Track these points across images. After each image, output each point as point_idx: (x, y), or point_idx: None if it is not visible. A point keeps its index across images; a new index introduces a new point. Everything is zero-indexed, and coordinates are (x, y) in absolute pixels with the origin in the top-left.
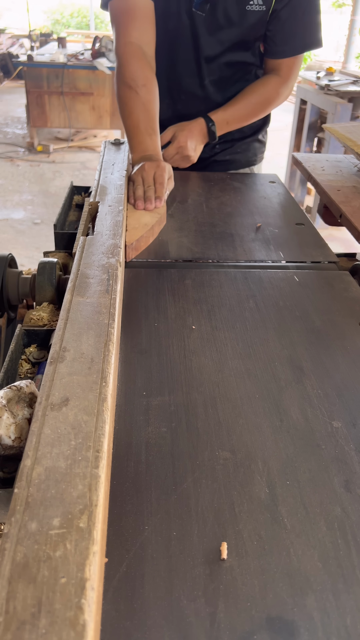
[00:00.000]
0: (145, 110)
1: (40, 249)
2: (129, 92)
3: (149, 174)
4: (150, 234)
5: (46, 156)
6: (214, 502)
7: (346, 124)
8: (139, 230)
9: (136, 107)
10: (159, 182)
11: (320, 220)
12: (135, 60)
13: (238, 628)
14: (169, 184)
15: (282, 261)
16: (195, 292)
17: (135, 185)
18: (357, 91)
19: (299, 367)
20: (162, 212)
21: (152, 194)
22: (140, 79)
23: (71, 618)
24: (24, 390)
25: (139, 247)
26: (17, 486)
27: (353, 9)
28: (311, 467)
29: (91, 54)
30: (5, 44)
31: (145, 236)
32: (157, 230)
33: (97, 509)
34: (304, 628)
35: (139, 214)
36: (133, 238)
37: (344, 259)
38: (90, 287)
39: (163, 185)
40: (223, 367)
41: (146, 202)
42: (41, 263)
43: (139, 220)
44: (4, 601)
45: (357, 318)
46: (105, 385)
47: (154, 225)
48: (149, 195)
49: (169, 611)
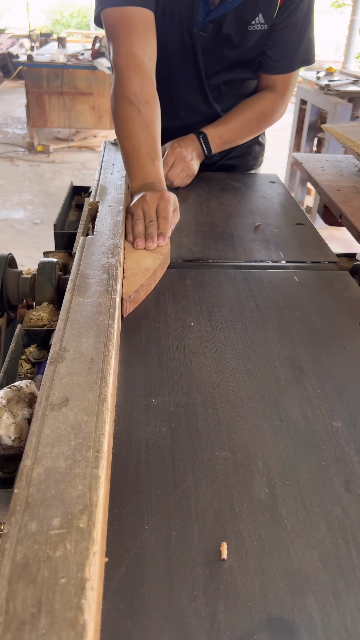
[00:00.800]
0: (147, 132)
1: (40, 249)
2: (129, 109)
3: (151, 207)
4: (151, 280)
5: (46, 156)
6: (214, 502)
7: (345, 124)
8: (138, 278)
9: (138, 128)
10: (162, 216)
11: (320, 220)
12: (137, 74)
13: (238, 628)
14: (174, 218)
15: (282, 261)
16: (195, 292)
17: (134, 219)
18: (357, 91)
19: (299, 367)
20: (166, 251)
21: (155, 230)
22: (143, 95)
23: (71, 618)
24: (24, 390)
25: (139, 298)
26: (17, 486)
27: (353, 9)
28: (311, 467)
29: (91, 54)
30: (5, 44)
31: (146, 284)
32: (159, 274)
33: (97, 509)
34: (304, 628)
35: (139, 255)
36: (132, 288)
37: (344, 259)
38: (90, 287)
39: (167, 219)
40: (223, 367)
41: (147, 240)
42: (41, 263)
43: (139, 264)
44: (4, 601)
45: (357, 318)
46: (105, 385)
47: (157, 269)
48: (150, 232)
49: (169, 611)
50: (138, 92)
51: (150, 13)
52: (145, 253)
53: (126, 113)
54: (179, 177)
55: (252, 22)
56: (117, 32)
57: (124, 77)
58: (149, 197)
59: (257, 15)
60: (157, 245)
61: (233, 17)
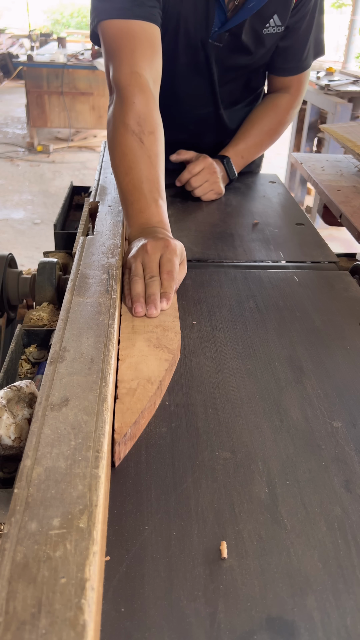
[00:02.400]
0: (150, 167)
1: (40, 249)
2: (131, 139)
3: (152, 258)
4: (156, 396)
5: (46, 156)
6: (214, 502)
7: (344, 124)
8: (138, 398)
9: (139, 162)
10: (166, 271)
11: (320, 220)
12: (142, 97)
13: (238, 628)
14: (181, 272)
15: (282, 261)
16: (195, 292)
17: (132, 275)
18: (357, 91)
19: (299, 367)
20: (175, 346)
21: (157, 289)
22: (148, 123)
23: (71, 618)
24: (24, 390)
25: (138, 430)
26: (17, 486)
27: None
28: (311, 467)
29: (91, 54)
30: (5, 44)
31: (149, 407)
32: (167, 382)
33: (97, 509)
34: (304, 628)
35: (138, 353)
36: (128, 419)
37: (344, 259)
38: (90, 287)
39: (172, 274)
40: (223, 367)
41: (148, 304)
42: (41, 263)
43: (138, 371)
44: (4, 601)
45: (357, 318)
46: (105, 385)
47: (164, 377)
48: (151, 293)
49: (169, 611)
50: (142, 119)
51: (157, 29)
52: (147, 350)
53: (126, 143)
54: (203, 188)
55: (266, 25)
56: (120, 48)
57: (127, 100)
58: (150, 246)
59: (272, 16)
60: (160, 310)
61: (248, 22)
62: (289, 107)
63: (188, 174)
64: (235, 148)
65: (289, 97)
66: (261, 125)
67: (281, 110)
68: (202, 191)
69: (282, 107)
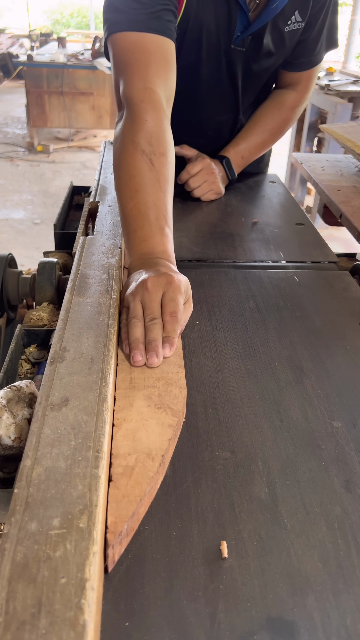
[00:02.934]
0: (159, 191)
1: (40, 249)
2: (140, 159)
3: (154, 297)
4: (159, 474)
5: (46, 156)
6: (214, 502)
7: (344, 124)
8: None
9: (147, 185)
10: (169, 312)
11: (320, 220)
12: (155, 116)
13: (238, 628)
14: (186, 312)
15: (282, 261)
16: (195, 292)
17: (130, 317)
18: (357, 91)
19: (299, 367)
20: (180, 406)
21: (159, 334)
22: (160, 144)
23: (71, 618)
24: (24, 390)
25: (135, 523)
26: (17, 486)
27: (353, 9)
28: (311, 467)
29: (91, 53)
30: (5, 44)
31: (149, 491)
32: (170, 454)
33: (97, 509)
34: (304, 628)
35: (136, 416)
36: (124, 510)
37: (344, 259)
38: (90, 287)
39: (176, 316)
40: (223, 367)
41: (149, 351)
42: (41, 263)
43: (136, 441)
44: (4, 601)
45: (357, 318)
46: (105, 385)
47: (167, 448)
48: (152, 339)
49: (169, 611)
50: (154, 138)
51: (172, 45)
52: (147, 412)
53: (134, 164)
54: (202, 188)
55: (288, 22)
56: (133, 62)
57: (139, 117)
58: (150, 282)
59: (293, 13)
60: (162, 358)
61: (270, 22)
62: (295, 105)
63: (186, 175)
64: (236, 148)
65: (296, 95)
66: (264, 124)
67: (286, 109)
68: (201, 191)
69: (287, 105)
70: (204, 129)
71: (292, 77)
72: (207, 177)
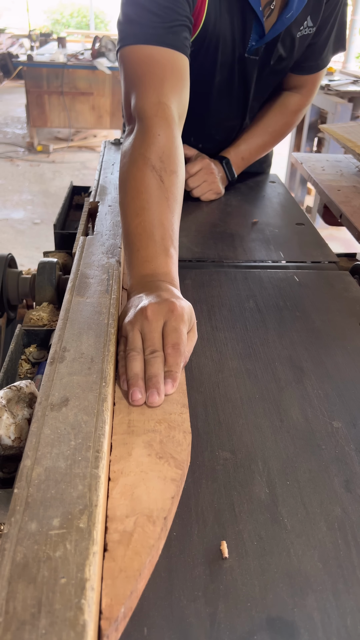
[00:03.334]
0: (167, 210)
1: (40, 249)
2: (150, 175)
3: (154, 327)
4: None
5: (46, 156)
6: (214, 502)
7: (344, 124)
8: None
9: (155, 202)
10: (171, 344)
11: (320, 220)
12: (168, 132)
13: (238, 628)
14: (189, 342)
15: (282, 261)
16: (195, 292)
17: (128, 349)
18: (357, 91)
19: (299, 367)
20: (184, 456)
21: (160, 369)
22: (171, 161)
23: (71, 618)
24: (23, 390)
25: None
26: (17, 486)
27: (353, 9)
28: (311, 467)
29: (91, 53)
30: (5, 43)
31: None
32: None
33: (97, 509)
34: (304, 628)
35: (135, 457)
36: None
37: (344, 259)
38: (90, 287)
39: (179, 349)
40: (223, 367)
41: (149, 388)
42: (41, 263)
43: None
44: (4, 601)
45: (357, 318)
46: (105, 385)
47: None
48: (152, 374)
49: (169, 611)
50: (165, 155)
51: (186, 61)
52: (148, 463)
53: (143, 179)
54: (201, 188)
55: (300, 28)
56: (147, 75)
57: (151, 131)
58: (150, 311)
59: (306, 18)
60: (164, 395)
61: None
62: (298, 108)
63: (186, 174)
64: (237, 149)
65: (300, 98)
66: (266, 126)
67: (289, 112)
68: (200, 191)
69: (290, 108)
70: (212, 133)
71: (298, 80)
72: (206, 177)
